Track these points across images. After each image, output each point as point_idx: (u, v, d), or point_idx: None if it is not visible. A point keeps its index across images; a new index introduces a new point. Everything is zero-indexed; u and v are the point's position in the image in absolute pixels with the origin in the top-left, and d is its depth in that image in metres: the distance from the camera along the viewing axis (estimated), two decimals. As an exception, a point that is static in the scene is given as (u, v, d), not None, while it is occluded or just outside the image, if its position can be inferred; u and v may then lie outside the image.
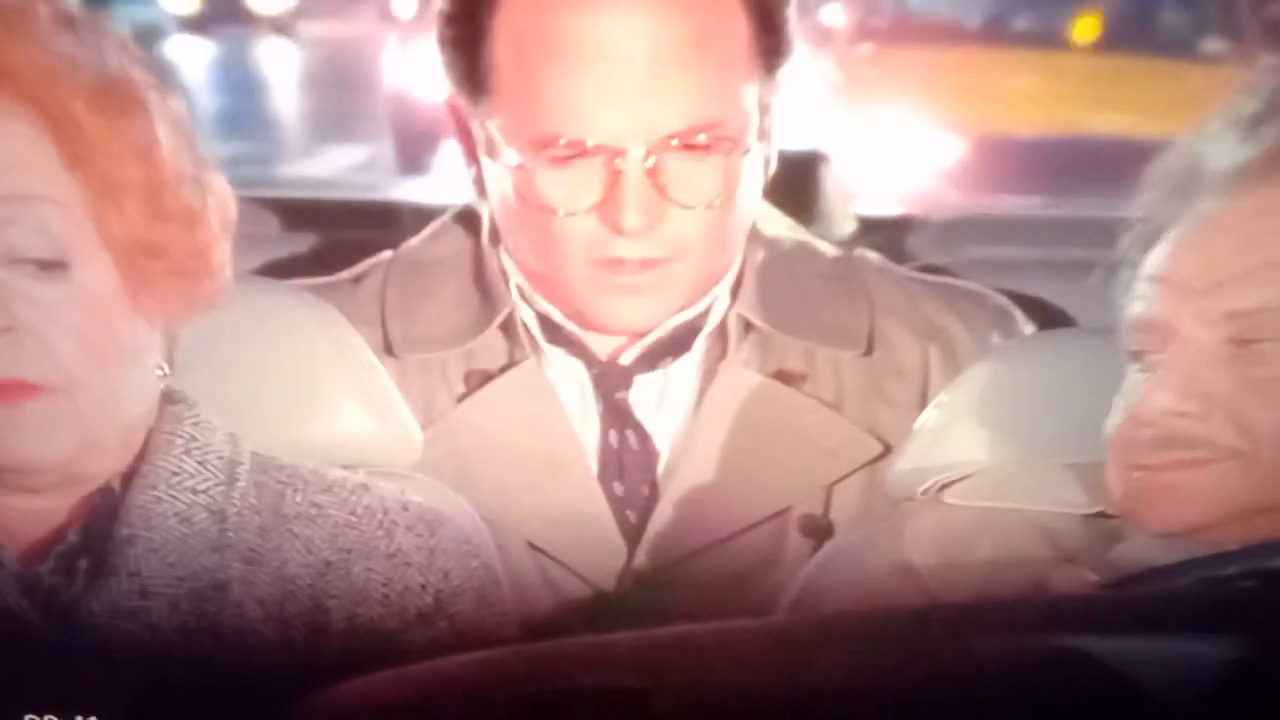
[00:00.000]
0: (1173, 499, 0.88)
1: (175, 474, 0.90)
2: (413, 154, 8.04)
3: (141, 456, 0.90)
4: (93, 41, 0.84)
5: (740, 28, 1.13)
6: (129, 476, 0.90)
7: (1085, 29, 6.14)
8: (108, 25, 0.87)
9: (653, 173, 1.09)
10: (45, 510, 0.89)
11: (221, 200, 0.90)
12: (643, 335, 1.20)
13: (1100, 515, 0.98)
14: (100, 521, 0.89)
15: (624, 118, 1.09)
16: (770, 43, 1.14)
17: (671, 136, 1.09)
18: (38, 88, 0.81)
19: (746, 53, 1.13)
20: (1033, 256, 1.74)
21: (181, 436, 0.91)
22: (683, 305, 1.19)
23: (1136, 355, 0.91)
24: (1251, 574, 0.81)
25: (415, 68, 7.29)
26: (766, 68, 1.15)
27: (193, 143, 0.89)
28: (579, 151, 1.10)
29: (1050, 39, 6.15)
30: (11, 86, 0.81)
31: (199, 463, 0.91)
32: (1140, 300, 0.90)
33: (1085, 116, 5.51)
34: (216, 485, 0.91)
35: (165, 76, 0.88)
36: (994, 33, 6.28)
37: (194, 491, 0.90)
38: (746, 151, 1.14)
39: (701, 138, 1.10)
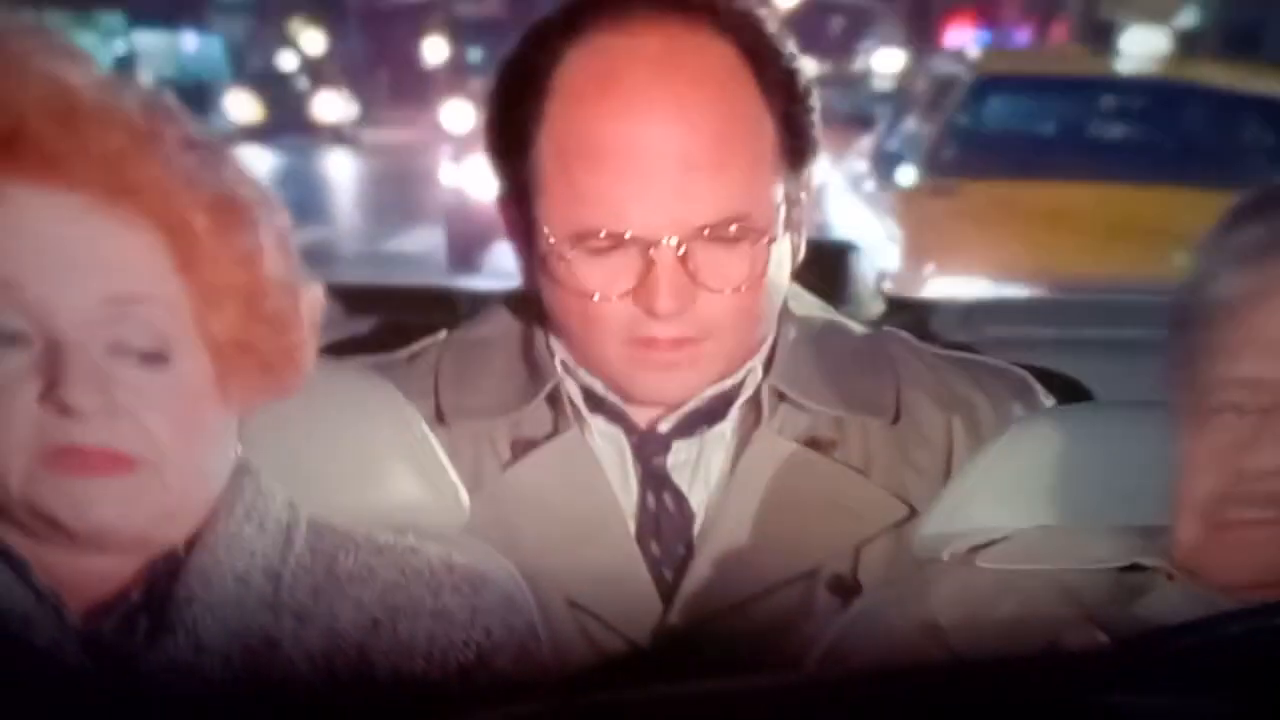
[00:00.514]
0: (1255, 555, 0.87)
1: (235, 537, 0.91)
2: (463, 252, 8.23)
3: (205, 522, 0.91)
4: (211, 161, 0.88)
5: (767, 131, 1.14)
6: (192, 540, 0.91)
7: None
8: (224, 147, 0.91)
9: (684, 261, 1.11)
10: (110, 571, 0.89)
11: (312, 304, 0.93)
12: (681, 403, 1.20)
13: (1127, 570, 0.96)
14: (162, 582, 0.89)
15: (658, 213, 1.10)
16: (794, 145, 1.16)
17: (702, 229, 1.11)
18: (159, 201, 0.84)
19: (773, 153, 1.14)
20: (1051, 336, 1.73)
21: (243, 503, 0.92)
22: (715, 378, 1.19)
23: (1233, 411, 0.88)
24: (1259, 632, 0.77)
25: (468, 175, 7.51)
26: (792, 166, 1.17)
27: (290, 252, 0.92)
28: (617, 243, 1.11)
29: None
30: (136, 200, 0.84)
31: (258, 527, 0.92)
32: (1246, 360, 0.87)
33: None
34: (273, 548, 0.92)
35: (269, 193, 0.92)
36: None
37: (252, 554, 0.91)
38: (773, 240, 1.15)
39: (730, 230, 1.12)
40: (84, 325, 0.83)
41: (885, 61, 18.91)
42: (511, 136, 1.16)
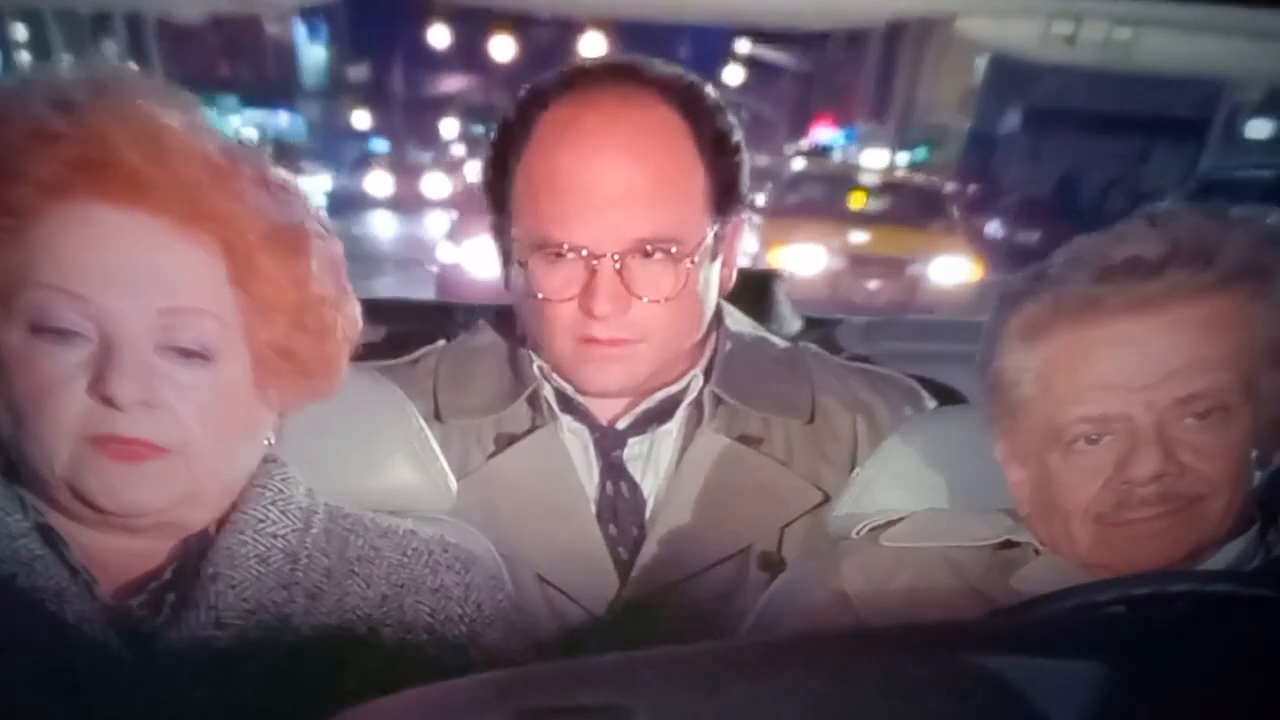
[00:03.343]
0: (1150, 545, 0.84)
1: (261, 521, 0.80)
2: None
3: (235, 506, 0.81)
4: (281, 196, 0.78)
5: (698, 176, 1.07)
6: (221, 522, 0.80)
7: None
8: (295, 184, 0.81)
9: (620, 273, 1.05)
10: (143, 551, 0.79)
11: (351, 320, 0.83)
12: (635, 404, 1.13)
13: (1003, 546, 0.93)
14: (191, 561, 0.79)
15: (601, 231, 1.04)
16: (723, 190, 1.09)
17: (636, 245, 1.04)
18: (226, 228, 0.75)
19: (702, 194, 1.08)
20: (933, 350, 1.69)
21: (271, 490, 0.82)
22: (648, 375, 1.11)
23: (1089, 440, 0.85)
24: (1120, 600, 0.74)
25: (463, 254, 6.95)
26: (720, 207, 1.10)
27: (340, 275, 0.82)
28: (566, 253, 1.05)
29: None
30: (205, 225, 0.74)
31: (281, 511, 0.81)
32: (1084, 404, 0.85)
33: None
34: (294, 531, 0.81)
35: (328, 225, 0.83)
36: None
37: (274, 536, 0.80)
38: (698, 263, 1.07)
39: (660, 249, 1.05)
40: (137, 330, 0.73)
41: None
42: (498, 170, 1.10)
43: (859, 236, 8.73)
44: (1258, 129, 12.11)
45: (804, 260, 8.21)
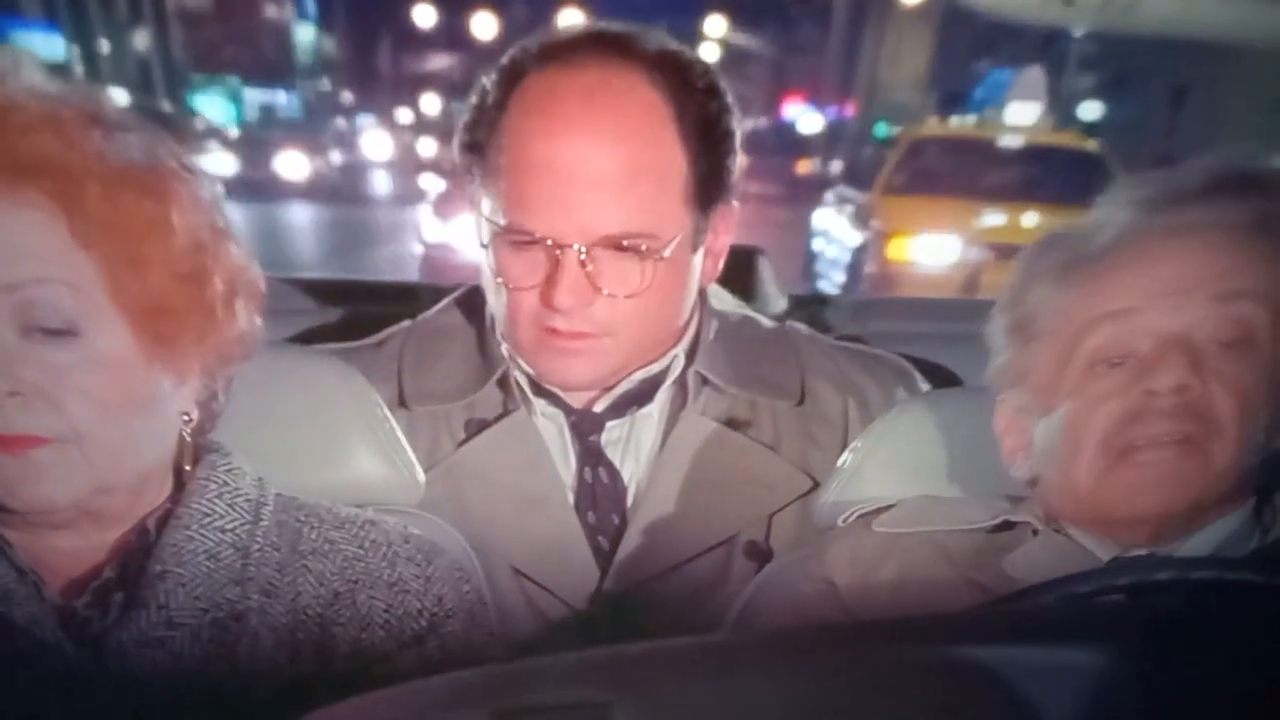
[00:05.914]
0: (1153, 488, 0.82)
1: (207, 515, 0.77)
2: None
3: (178, 499, 0.77)
4: (122, 138, 0.72)
5: (679, 166, 1.02)
6: (164, 517, 0.77)
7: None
8: (135, 121, 0.74)
9: (585, 265, 1.00)
10: (85, 549, 0.76)
11: (237, 264, 0.77)
12: (613, 386, 1.10)
13: (995, 531, 0.91)
14: (135, 559, 0.76)
15: (568, 221, 0.99)
16: (706, 181, 1.04)
17: (605, 239, 1.00)
18: (56, 179, 0.69)
19: (682, 185, 1.02)
20: (924, 330, 1.67)
21: (215, 481, 0.79)
22: (614, 370, 1.08)
23: (1111, 364, 0.84)
24: (1107, 590, 0.72)
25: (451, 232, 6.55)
26: (702, 199, 1.05)
27: (213, 216, 0.76)
28: (531, 240, 1.01)
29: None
30: (31, 180, 0.68)
31: (229, 505, 0.78)
32: (1114, 320, 0.84)
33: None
34: (243, 524, 0.78)
35: (189, 163, 0.76)
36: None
37: (222, 530, 0.77)
38: (672, 257, 1.03)
39: (630, 243, 1.01)
40: None
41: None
42: (474, 139, 1.06)
43: (1005, 219, 6.60)
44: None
45: (936, 253, 6.43)
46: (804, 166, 20.52)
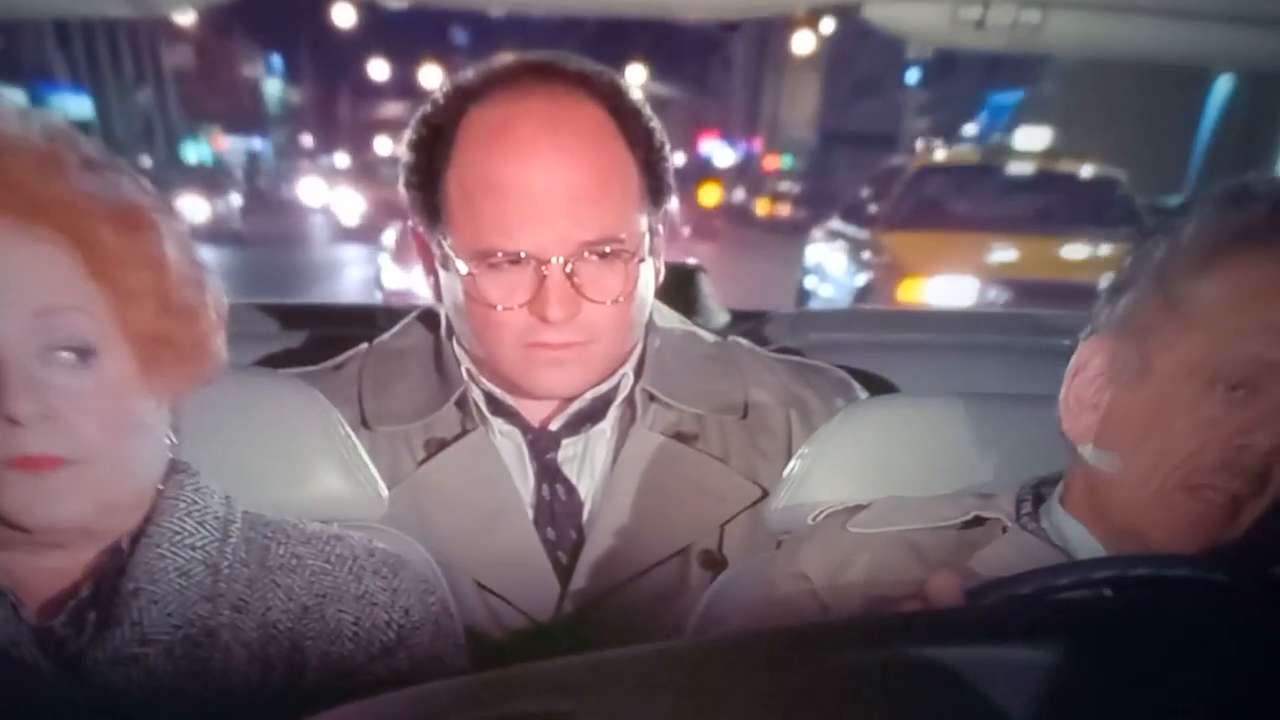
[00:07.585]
0: (1201, 525, 0.79)
1: (177, 533, 0.79)
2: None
3: (149, 518, 0.80)
4: (110, 178, 0.77)
5: (632, 173, 1.07)
6: (136, 536, 0.79)
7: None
8: (120, 164, 0.79)
9: (570, 276, 1.04)
10: (61, 568, 0.78)
11: (216, 296, 0.82)
12: (567, 405, 1.13)
13: (967, 525, 0.92)
14: (109, 577, 0.78)
15: (547, 236, 1.03)
16: (654, 185, 1.10)
17: (584, 247, 1.04)
18: (69, 217, 0.74)
19: (637, 190, 1.08)
20: (860, 339, 1.70)
21: (184, 501, 0.81)
22: (599, 375, 1.12)
23: (1230, 387, 0.77)
24: (1080, 584, 0.73)
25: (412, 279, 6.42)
26: (652, 202, 1.10)
27: (192, 251, 0.81)
28: (514, 261, 1.04)
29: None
30: (46, 218, 0.73)
31: (198, 523, 0.81)
32: (1254, 343, 0.76)
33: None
34: (212, 542, 0.80)
35: (167, 202, 0.81)
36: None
37: (192, 548, 0.79)
38: (641, 260, 1.09)
39: (607, 249, 1.05)
40: (17, 340, 0.72)
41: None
42: (424, 175, 1.08)
43: (1021, 255, 6.08)
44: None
45: (953, 295, 5.79)
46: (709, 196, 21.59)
